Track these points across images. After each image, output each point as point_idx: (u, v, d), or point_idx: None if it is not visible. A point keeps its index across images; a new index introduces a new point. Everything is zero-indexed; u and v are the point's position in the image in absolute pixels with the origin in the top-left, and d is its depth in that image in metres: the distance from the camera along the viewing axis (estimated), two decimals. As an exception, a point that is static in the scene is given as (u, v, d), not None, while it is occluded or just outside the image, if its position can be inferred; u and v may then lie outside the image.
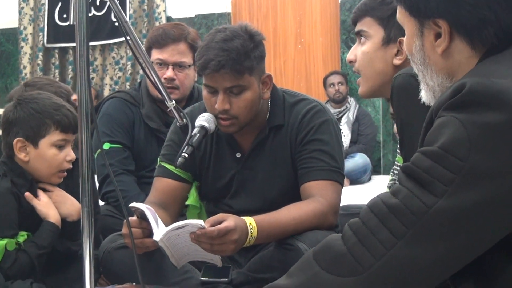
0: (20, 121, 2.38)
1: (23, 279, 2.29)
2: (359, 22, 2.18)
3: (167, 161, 2.52)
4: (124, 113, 3.11)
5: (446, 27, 1.32)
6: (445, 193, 1.15)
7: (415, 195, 1.18)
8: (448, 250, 1.17)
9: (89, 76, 1.63)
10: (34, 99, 2.41)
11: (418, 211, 1.17)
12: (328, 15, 7.35)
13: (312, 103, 2.49)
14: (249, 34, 2.34)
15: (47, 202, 2.40)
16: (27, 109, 2.38)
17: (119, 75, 7.69)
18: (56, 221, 2.39)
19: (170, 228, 2.09)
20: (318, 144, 2.42)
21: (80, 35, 1.62)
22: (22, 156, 2.38)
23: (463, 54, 1.33)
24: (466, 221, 1.15)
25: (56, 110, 2.39)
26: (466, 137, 1.15)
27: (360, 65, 2.15)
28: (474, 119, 1.15)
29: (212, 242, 2.07)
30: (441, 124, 1.20)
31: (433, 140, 1.20)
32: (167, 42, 3.01)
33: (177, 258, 2.20)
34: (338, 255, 1.24)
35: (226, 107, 2.34)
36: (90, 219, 1.64)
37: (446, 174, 1.16)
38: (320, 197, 2.33)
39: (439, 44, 1.35)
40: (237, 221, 2.11)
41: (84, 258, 1.64)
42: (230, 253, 2.14)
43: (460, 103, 1.18)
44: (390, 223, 1.19)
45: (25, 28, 8.01)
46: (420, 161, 1.20)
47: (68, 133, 2.41)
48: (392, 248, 1.18)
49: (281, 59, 7.49)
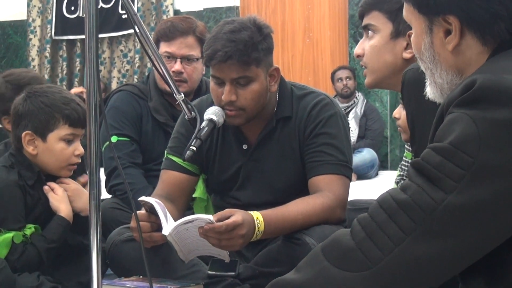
0: (29, 114, 2.38)
1: (30, 272, 2.30)
2: (366, 16, 2.16)
3: (175, 153, 2.52)
4: (132, 106, 3.11)
5: (457, 24, 1.32)
6: (455, 190, 1.15)
7: (424, 191, 1.18)
8: (456, 246, 1.16)
9: (98, 69, 1.63)
10: (44, 92, 2.41)
11: (428, 207, 1.17)
12: (336, 10, 7.34)
13: (320, 96, 2.48)
14: (257, 26, 2.34)
15: (61, 196, 2.40)
16: (36, 103, 2.38)
17: (127, 68, 7.70)
18: (67, 215, 2.39)
19: (179, 223, 2.09)
20: (326, 138, 2.41)
21: (89, 27, 1.62)
22: (30, 150, 2.39)
23: (474, 50, 1.33)
24: (475, 218, 1.15)
25: (66, 104, 2.39)
26: (477, 134, 1.15)
27: (368, 59, 2.14)
28: (485, 115, 1.15)
29: (220, 237, 2.07)
30: (452, 120, 1.20)
31: (443, 136, 1.20)
32: (175, 35, 3.01)
33: (185, 252, 2.20)
34: (347, 250, 1.23)
35: (233, 98, 2.34)
36: (97, 213, 1.64)
37: (456, 170, 1.16)
38: (328, 191, 2.32)
39: (449, 41, 1.34)
40: (245, 216, 2.11)
41: (91, 251, 1.64)
42: (238, 248, 2.15)
43: (470, 99, 1.18)
44: (399, 218, 1.19)
45: (34, 20, 8.01)
46: (430, 157, 1.20)
47: (77, 127, 2.41)
48: (401, 243, 1.18)
49: (289, 54, 7.48)
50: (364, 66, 2.18)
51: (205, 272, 2.33)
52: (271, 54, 2.40)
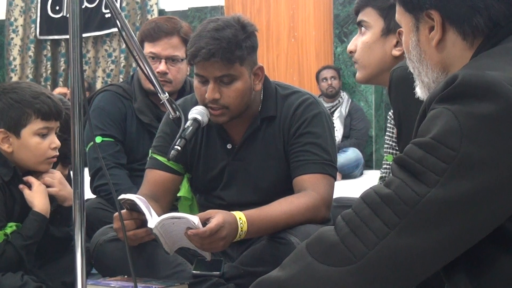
0: (0, 112, 2.37)
1: (13, 272, 2.28)
2: (360, 13, 2.18)
3: (159, 153, 2.52)
4: (116, 106, 3.10)
5: (438, 18, 1.34)
6: (437, 183, 1.16)
7: (407, 185, 1.19)
8: (440, 239, 1.17)
9: (82, 68, 1.63)
10: (13, 89, 2.39)
11: (411, 200, 1.17)
12: (321, 9, 7.35)
13: (304, 96, 2.49)
14: (241, 25, 2.34)
15: (35, 190, 2.37)
16: (6, 100, 2.36)
17: (112, 67, 7.68)
18: (41, 209, 2.36)
19: (165, 217, 2.09)
20: (310, 137, 2.41)
21: (73, 27, 1.62)
22: (5, 147, 2.37)
23: (457, 46, 1.34)
24: (458, 211, 1.16)
25: (35, 98, 2.37)
26: (458, 128, 1.16)
27: (359, 54, 2.16)
28: (466, 110, 1.16)
29: (203, 242, 2.09)
30: (434, 115, 1.21)
31: (425, 131, 1.21)
32: (159, 36, 3.01)
33: (170, 244, 2.21)
34: (331, 245, 1.24)
35: (216, 96, 2.34)
36: (82, 212, 1.64)
37: (438, 164, 1.16)
38: (312, 190, 2.33)
39: (433, 36, 1.36)
40: (226, 217, 2.12)
41: (76, 251, 1.63)
42: (220, 249, 2.16)
43: (452, 94, 1.19)
44: (383, 212, 1.20)
45: (16, 19, 7.97)
46: (412, 152, 1.21)
47: (50, 120, 2.39)
48: (385, 237, 1.19)
49: (274, 53, 7.49)
50: (355, 62, 2.19)
51: (190, 271, 2.32)
52: (255, 52, 2.40)
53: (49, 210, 2.39)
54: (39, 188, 2.39)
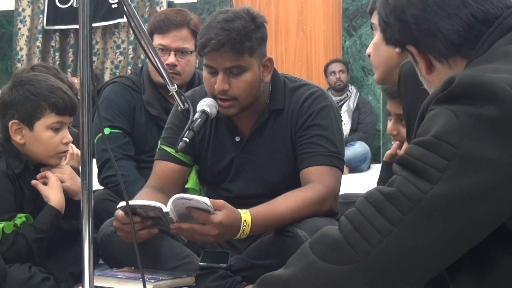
0: (16, 103, 2.37)
1: (21, 263, 2.29)
2: (372, 15, 2.20)
3: (168, 144, 2.52)
4: (125, 98, 3.10)
5: (414, 50, 1.39)
6: (440, 179, 1.16)
7: (410, 182, 1.19)
8: (444, 236, 1.17)
9: (91, 59, 1.63)
10: (30, 81, 2.40)
11: (414, 197, 1.17)
12: (330, 3, 7.34)
13: (313, 88, 2.49)
14: (251, 16, 2.34)
15: (51, 185, 2.39)
16: (22, 91, 2.37)
17: (120, 59, 7.67)
18: (57, 204, 2.38)
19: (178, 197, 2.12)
20: (318, 130, 2.41)
21: (83, 17, 1.62)
22: (17, 139, 2.38)
23: (445, 68, 1.37)
24: (461, 207, 1.16)
25: (52, 92, 2.38)
26: (458, 125, 1.16)
27: (371, 56, 2.18)
28: (465, 109, 1.17)
29: (193, 232, 2.14)
30: (433, 116, 1.21)
31: (425, 130, 1.21)
32: (169, 28, 3.01)
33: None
34: (334, 243, 1.23)
35: (225, 87, 2.34)
36: (89, 202, 1.64)
37: (440, 161, 1.16)
38: (318, 183, 2.33)
39: (420, 67, 1.41)
40: (226, 218, 2.12)
41: (83, 241, 1.64)
42: (211, 242, 2.21)
43: (450, 95, 1.20)
44: (386, 210, 1.19)
45: (24, 10, 7.97)
46: (413, 151, 1.21)
47: (64, 115, 2.40)
48: (389, 235, 1.18)
49: (282, 46, 7.48)
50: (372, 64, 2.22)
51: (197, 263, 2.33)
52: (264, 44, 2.40)
53: (64, 206, 2.41)
54: (56, 183, 2.41)
